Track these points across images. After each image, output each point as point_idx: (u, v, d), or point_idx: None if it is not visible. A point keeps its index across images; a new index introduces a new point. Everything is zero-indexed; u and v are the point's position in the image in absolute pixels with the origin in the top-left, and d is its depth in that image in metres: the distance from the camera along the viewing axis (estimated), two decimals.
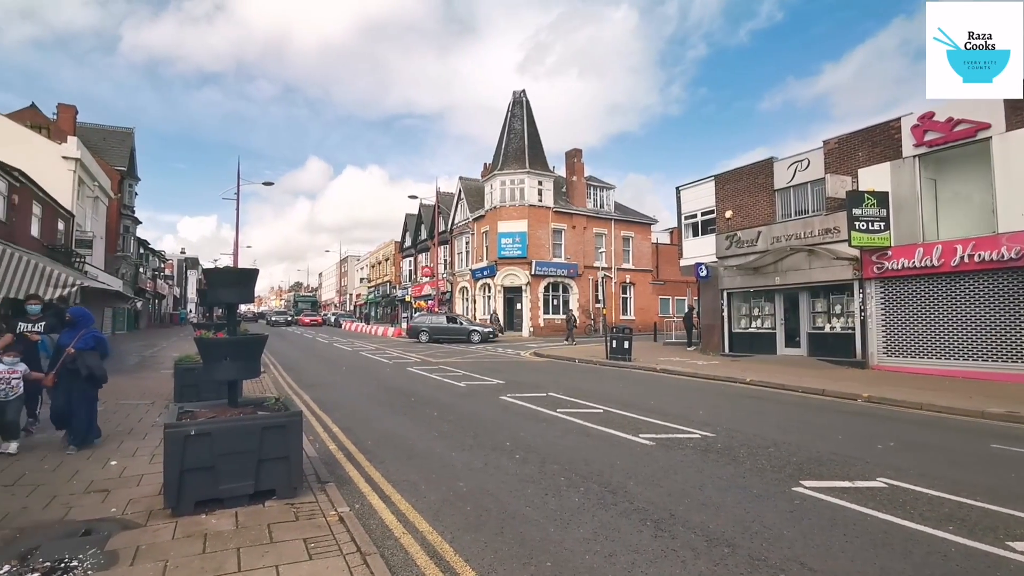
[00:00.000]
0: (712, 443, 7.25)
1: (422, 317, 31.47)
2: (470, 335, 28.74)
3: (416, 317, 31.13)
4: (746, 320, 20.21)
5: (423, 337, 29.01)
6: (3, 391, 6.26)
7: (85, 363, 6.31)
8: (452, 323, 30.07)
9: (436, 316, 31.62)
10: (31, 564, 3.56)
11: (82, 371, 6.28)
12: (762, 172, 19.55)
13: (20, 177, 17.76)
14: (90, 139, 32.72)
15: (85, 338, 6.43)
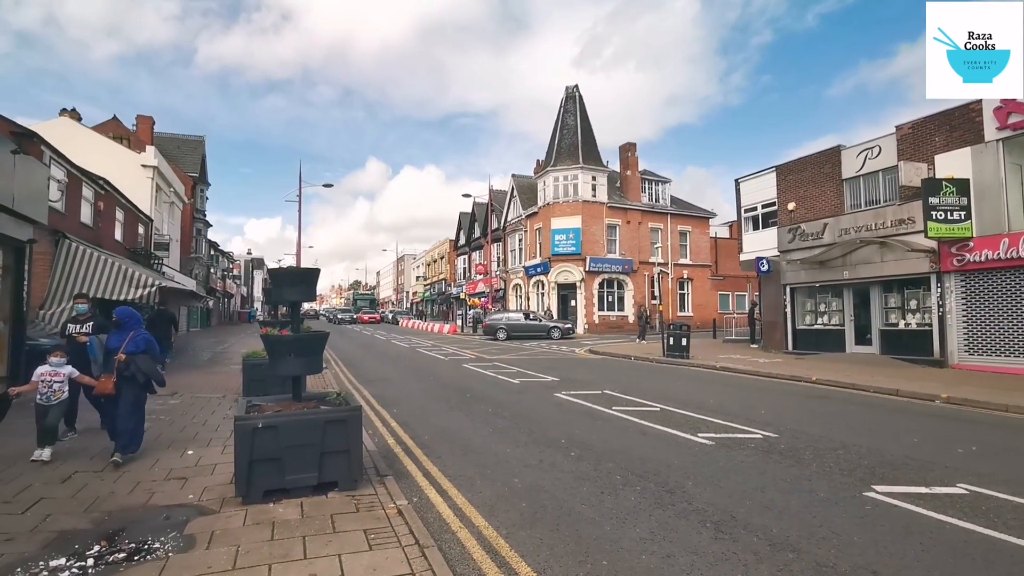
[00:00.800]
0: (775, 444, 6.99)
1: (499, 315, 31.18)
2: (550, 331, 28.67)
3: (492, 315, 30.99)
4: (811, 316, 19.37)
5: (500, 335, 28.72)
6: (45, 394, 5.89)
7: (140, 368, 5.91)
8: (530, 320, 29.91)
9: (513, 313, 31.46)
10: (118, 545, 3.82)
11: (139, 377, 5.91)
12: (828, 161, 18.64)
13: (105, 185, 19.08)
14: (165, 148, 34.73)
15: (136, 341, 6.01)
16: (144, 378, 5.95)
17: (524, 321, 29.46)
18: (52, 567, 3.49)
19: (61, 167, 15.32)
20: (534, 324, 29.30)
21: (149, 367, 6.00)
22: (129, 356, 5.88)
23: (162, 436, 7.11)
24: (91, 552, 3.70)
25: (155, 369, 6.09)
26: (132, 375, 5.87)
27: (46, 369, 5.98)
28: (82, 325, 7.06)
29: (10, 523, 4.20)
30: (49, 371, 5.97)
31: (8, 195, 9.18)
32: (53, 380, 5.96)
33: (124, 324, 6.13)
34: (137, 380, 5.92)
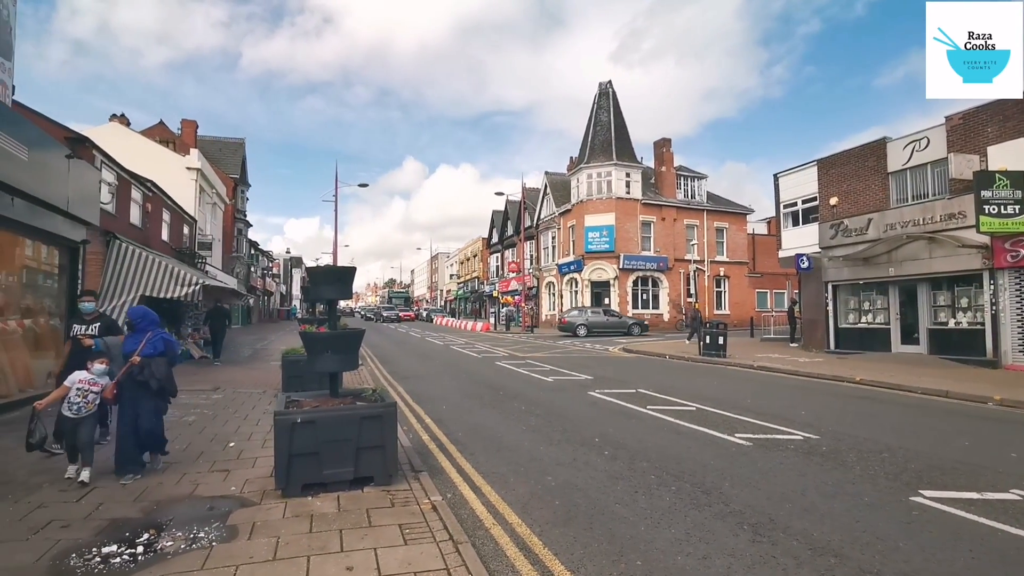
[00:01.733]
0: (816, 446, 6.80)
1: (577, 312, 30.93)
2: (630, 328, 29.23)
3: (570, 312, 30.75)
4: (854, 315, 18.77)
5: (580, 331, 28.70)
6: (78, 404, 5.16)
7: (153, 373, 5.33)
8: (611, 316, 30.26)
9: (593, 310, 31.34)
10: (165, 534, 3.97)
11: (151, 383, 5.32)
12: (873, 154, 18.01)
13: (152, 187, 19.80)
14: (208, 150, 35.85)
15: (153, 342, 5.45)
16: (157, 384, 5.35)
17: (603, 318, 29.75)
18: (104, 553, 3.65)
19: (111, 170, 15.96)
20: (615, 321, 29.66)
21: (164, 372, 5.41)
22: (144, 359, 5.34)
23: (206, 430, 7.35)
24: (140, 540, 3.85)
25: (170, 375, 5.51)
26: (146, 380, 5.31)
27: (84, 376, 5.29)
28: (88, 326, 6.41)
29: (66, 511, 4.41)
30: (88, 379, 5.29)
31: (63, 198, 9.61)
32: (90, 389, 5.28)
33: (137, 326, 5.55)
34: (151, 387, 5.34)
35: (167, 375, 5.47)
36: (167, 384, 5.48)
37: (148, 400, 5.38)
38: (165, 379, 5.43)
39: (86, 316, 6.52)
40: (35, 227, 9.04)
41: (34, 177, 8.50)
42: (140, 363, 5.32)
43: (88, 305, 6.59)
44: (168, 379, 5.47)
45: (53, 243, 10.07)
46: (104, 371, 5.41)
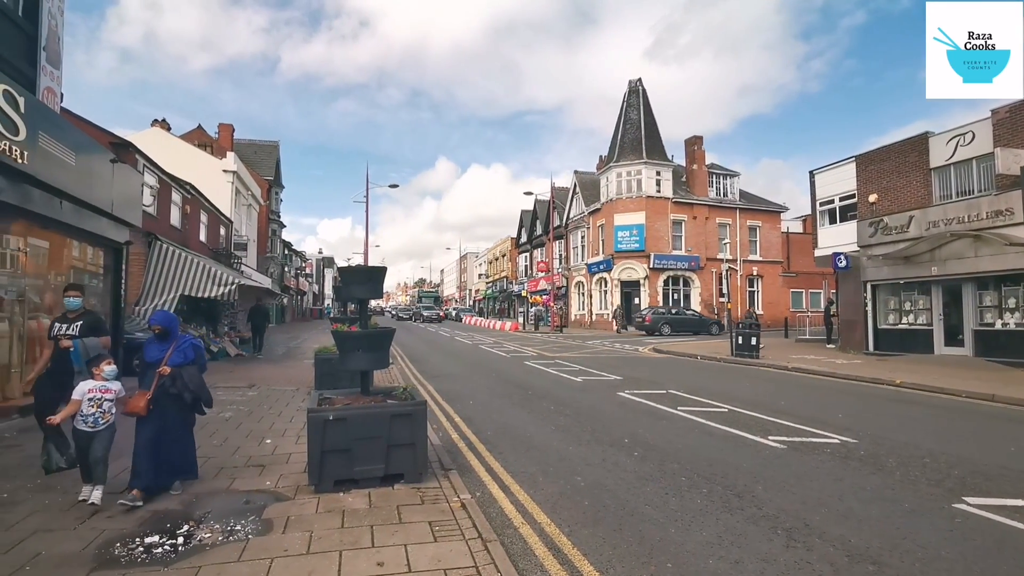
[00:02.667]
0: (854, 450, 6.62)
1: (659, 312, 31.27)
2: (710, 327, 30.02)
3: (653, 312, 30.93)
4: (894, 315, 18.20)
5: (665, 329, 29.30)
6: (92, 416, 4.58)
7: (186, 384, 4.79)
8: (692, 316, 31.31)
9: (674, 309, 32.07)
10: (204, 527, 4.10)
11: (184, 396, 4.80)
12: (914, 149, 17.43)
13: (191, 190, 20.41)
14: (244, 153, 36.76)
15: (182, 349, 4.94)
16: (192, 396, 4.84)
17: (688, 317, 30.78)
18: (147, 544, 3.77)
19: (153, 174, 16.50)
20: (695, 320, 30.55)
21: (198, 382, 4.89)
22: (175, 369, 4.80)
23: (242, 426, 7.54)
24: (181, 531, 3.98)
25: (203, 384, 4.98)
26: (179, 392, 4.79)
27: (93, 385, 4.68)
28: (70, 325, 5.50)
29: (111, 502, 4.57)
30: (98, 387, 4.68)
31: (108, 201, 9.97)
32: (104, 398, 4.66)
33: (170, 332, 5.00)
34: (183, 399, 4.83)
35: (201, 384, 4.93)
36: (201, 394, 4.94)
37: (177, 414, 4.86)
38: (199, 389, 4.89)
39: (70, 314, 5.64)
40: (82, 229, 9.39)
41: (81, 181, 8.85)
42: (171, 373, 4.77)
43: (74, 301, 5.69)
44: (202, 388, 4.94)
45: (98, 244, 10.46)
46: (114, 373, 4.82)
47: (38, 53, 9.10)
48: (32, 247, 8.65)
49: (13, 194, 7.23)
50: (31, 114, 7.21)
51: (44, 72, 9.20)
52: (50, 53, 9.40)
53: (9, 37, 8.43)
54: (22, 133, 6.97)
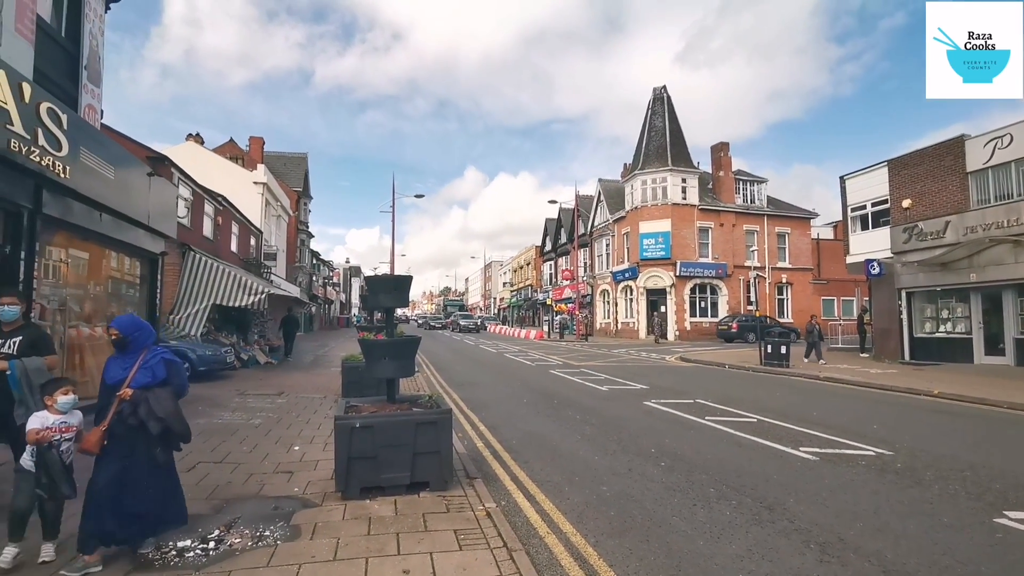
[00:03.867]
0: (890, 462, 6.43)
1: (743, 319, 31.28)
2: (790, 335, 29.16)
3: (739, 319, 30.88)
4: (931, 323, 17.67)
5: (751, 337, 28.74)
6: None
7: (151, 411, 3.61)
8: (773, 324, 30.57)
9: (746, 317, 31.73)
10: (234, 532, 4.17)
11: (149, 426, 3.60)
12: (949, 153, 16.96)
13: (223, 202, 20.94)
14: (273, 165, 37.60)
15: (149, 366, 3.78)
16: (159, 427, 3.63)
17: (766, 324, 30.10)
18: (179, 547, 3.86)
19: (187, 186, 16.99)
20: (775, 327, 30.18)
21: (168, 408, 3.69)
22: (137, 392, 3.65)
23: (271, 432, 7.66)
24: (212, 536, 4.06)
25: (178, 412, 3.78)
26: (141, 423, 3.59)
27: (49, 422, 3.63)
28: (6, 340, 4.32)
29: None
30: (57, 424, 3.64)
31: (144, 213, 10.29)
32: (63, 438, 3.65)
33: (131, 342, 3.81)
34: (148, 431, 3.61)
35: (173, 411, 3.72)
36: (174, 424, 3.71)
37: (146, 450, 3.68)
38: (170, 417, 3.68)
39: (5, 326, 4.38)
40: (120, 240, 9.71)
41: (119, 194, 9.15)
42: (133, 397, 3.62)
43: (9, 310, 4.36)
44: (175, 417, 3.72)
45: (135, 255, 10.79)
46: (72, 403, 3.72)
47: (80, 72, 9.48)
48: (73, 258, 8.96)
49: (56, 207, 7.51)
50: (73, 130, 7.50)
51: (85, 90, 9.58)
52: (91, 72, 9.77)
53: (52, 57, 8.80)
54: (65, 149, 7.25)
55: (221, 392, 11.37)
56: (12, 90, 6.25)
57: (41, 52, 8.12)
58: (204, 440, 7.14)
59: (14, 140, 6.31)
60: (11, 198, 6.63)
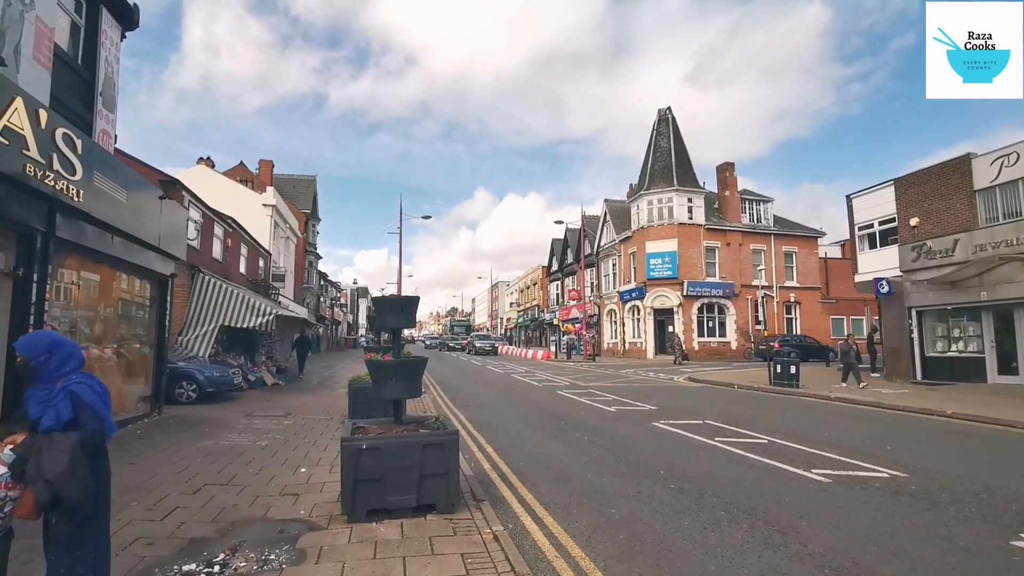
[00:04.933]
0: (904, 484, 6.32)
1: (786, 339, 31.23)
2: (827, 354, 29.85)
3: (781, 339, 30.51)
4: (943, 342, 17.48)
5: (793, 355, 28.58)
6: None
7: (40, 469, 2.65)
8: (812, 343, 31.53)
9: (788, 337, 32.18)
10: (239, 555, 4.14)
11: (36, 490, 2.67)
12: (956, 171, 16.95)
13: (232, 224, 21.16)
14: (282, 187, 37.99)
15: (54, 403, 2.85)
16: (48, 494, 2.66)
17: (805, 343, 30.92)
18: (184, 572, 3.83)
19: (198, 209, 17.19)
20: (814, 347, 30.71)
21: (60, 468, 2.66)
22: (29, 440, 2.77)
23: (278, 454, 7.64)
24: (217, 560, 4.03)
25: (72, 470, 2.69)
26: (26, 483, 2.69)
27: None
28: None
29: (151, 529, 4.67)
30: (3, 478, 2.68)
31: (155, 235, 10.41)
32: (7, 496, 2.70)
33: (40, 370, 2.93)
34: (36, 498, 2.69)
35: (66, 471, 2.67)
36: (65, 490, 2.67)
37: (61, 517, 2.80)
38: (61, 480, 2.66)
39: None
40: (131, 262, 9.81)
41: (131, 217, 9.27)
42: (23, 445, 2.73)
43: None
44: (68, 480, 2.68)
45: (145, 277, 10.89)
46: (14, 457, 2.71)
47: (95, 98, 9.69)
48: (84, 280, 9.06)
49: (69, 230, 7.62)
50: (87, 155, 7.64)
51: (100, 115, 9.77)
52: (106, 98, 9.98)
53: (69, 84, 9.00)
54: (79, 173, 7.38)
55: (228, 413, 11.36)
56: (29, 116, 6.39)
57: (58, 79, 8.32)
58: (211, 462, 7.13)
59: (30, 165, 6.43)
60: (25, 221, 6.74)
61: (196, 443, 8.34)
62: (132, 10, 10.62)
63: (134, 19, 10.75)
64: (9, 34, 7.15)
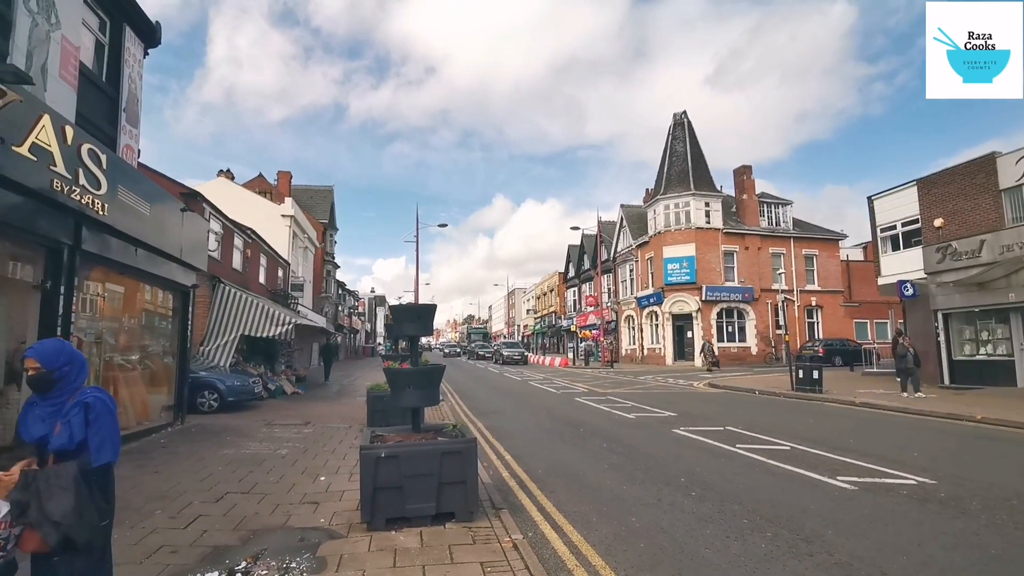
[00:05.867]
0: (932, 491, 6.16)
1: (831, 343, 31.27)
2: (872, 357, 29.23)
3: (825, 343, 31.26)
4: (970, 345, 17.07)
5: (837, 360, 29.29)
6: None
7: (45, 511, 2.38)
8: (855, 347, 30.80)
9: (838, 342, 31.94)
10: (261, 564, 4.16)
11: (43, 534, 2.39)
12: (981, 171, 16.60)
13: (252, 235, 21.47)
14: (300, 198, 38.51)
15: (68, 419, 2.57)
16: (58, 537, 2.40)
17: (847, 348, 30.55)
18: None
19: (218, 220, 17.47)
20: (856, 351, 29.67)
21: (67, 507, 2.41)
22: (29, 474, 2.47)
23: (298, 463, 7.69)
24: (239, 568, 4.06)
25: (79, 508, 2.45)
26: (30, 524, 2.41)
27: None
28: None
29: (175, 537, 4.73)
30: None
31: (177, 247, 10.59)
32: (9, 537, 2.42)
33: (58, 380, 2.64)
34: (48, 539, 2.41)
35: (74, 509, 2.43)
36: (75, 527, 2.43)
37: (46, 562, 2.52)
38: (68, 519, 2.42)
39: None
40: (154, 274, 10.00)
41: (154, 229, 9.46)
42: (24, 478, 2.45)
43: None
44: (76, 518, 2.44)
45: (168, 288, 11.08)
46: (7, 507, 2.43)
47: (119, 114, 9.92)
48: (109, 291, 9.25)
49: (94, 243, 7.79)
50: (111, 170, 7.82)
51: (124, 131, 10.00)
52: (129, 113, 10.22)
53: (93, 100, 9.23)
54: (103, 187, 7.55)
55: (248, 422, 11.48)
56: (56, 133, 6.57)
57: (83, 96, 8.54)
58: (232, 470, 7.20)
59: (56, 180, 6.60)
60: (53, 235, 6.91)
61: (218, 452, 8.43)
62: (154, 28, 10.88)
63: (156, 37, 11.01)
64: (36, 54, 7.36)
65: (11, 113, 5.88)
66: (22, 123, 6.10)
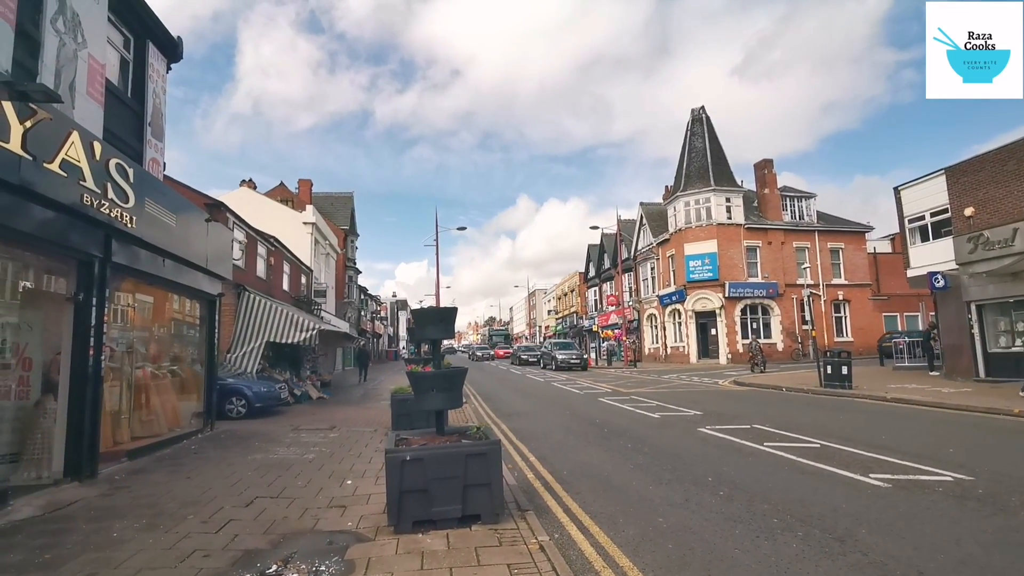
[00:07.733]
0: (970, 488, 5.99)
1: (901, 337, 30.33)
2: None
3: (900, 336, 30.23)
4: (1006, 337, 16.56)
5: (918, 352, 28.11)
6: None
7: None
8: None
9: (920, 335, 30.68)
10: (291, 567, 4.22)
11: None
12: (1012, 157, 16.10)
13: (275, 243, 21.81)
14: (321, 205, 38.98)
15: None
16: None
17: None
18: None
19: (242, 230, 17.78)
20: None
21: None
22: None
23: (325, 467, 7.78)
24: (270, 571, 4.12)
25: None
26: None
27: None
28: None
29: (207, 541, 4.81)
30: None
31: (203, 257, 10.80)
32: None
33: None
34: None
35: None
36: None
37: None
38: None
39: None
40: (181, 283, 10.20)
41: (180, 240, 9.66)
42: None
43: None
44: None
45: (195, 297, 11.30)
46: None
47: (144, 128, 10.16)
48: (139, 302, 9.46)
49: (124, 255, 7.99)
50: (138, 183, 8.01)
51: (149, 144, 10.24)
52: (154, 127, 10.46)
53: (120, 116, 9.47)
54: (131, 200, 7.74)
55: (276, 427, 11.65)
56: (85, 149, 6.75)
57: (109, 112, 8.76)
58: (261, 475, 7.31)
59: (86, 195, 6.78)
60: (84, 248, 7.10)
61: (247, 457, 8.57)
62: (176, 43, 11.12)
63: (178, 51, 11.26)
64: (64, 72, 7.58)
65: (41, 131, 6.06)
66: (52, 140, 6.28)
